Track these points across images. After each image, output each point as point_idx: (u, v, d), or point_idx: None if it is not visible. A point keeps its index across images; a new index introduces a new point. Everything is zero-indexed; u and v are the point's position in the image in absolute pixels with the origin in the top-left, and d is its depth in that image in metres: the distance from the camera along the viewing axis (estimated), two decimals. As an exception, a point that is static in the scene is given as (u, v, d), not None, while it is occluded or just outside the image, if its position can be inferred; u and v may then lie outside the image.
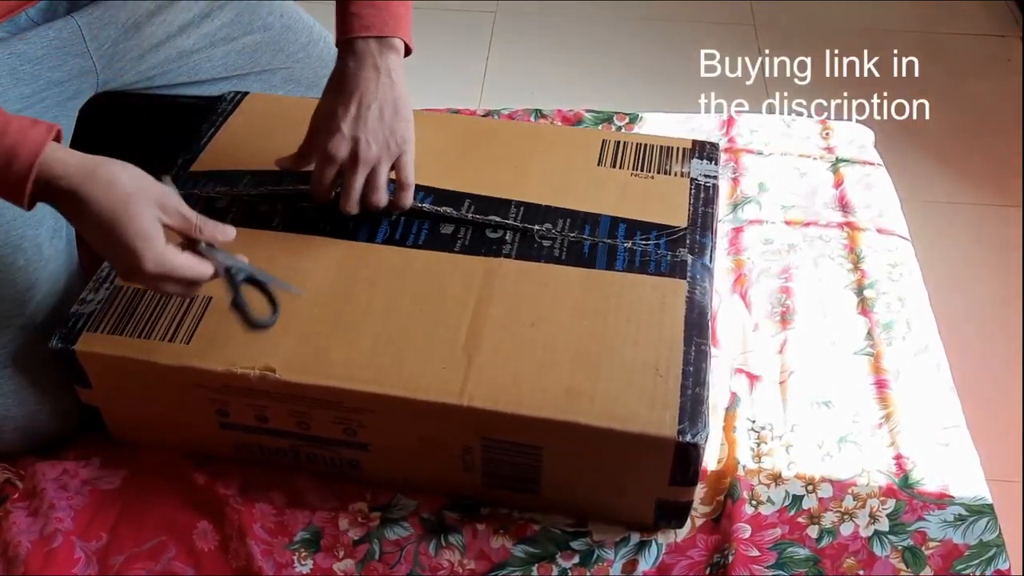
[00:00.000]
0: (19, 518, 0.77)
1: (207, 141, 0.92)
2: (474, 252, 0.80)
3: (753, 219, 1.00)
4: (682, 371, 0.71)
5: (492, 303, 0.76)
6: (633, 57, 1.70)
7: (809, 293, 0.92)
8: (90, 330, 0.74)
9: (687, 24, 1.76)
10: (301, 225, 0.82)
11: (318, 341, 0.73)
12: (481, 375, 0.71)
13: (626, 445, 0.69)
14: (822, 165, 1.06)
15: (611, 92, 1.61)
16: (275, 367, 0.71)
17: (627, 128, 1.12)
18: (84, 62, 0.86)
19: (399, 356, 0.72)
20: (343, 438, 0.75)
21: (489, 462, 0.74)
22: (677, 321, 0.75)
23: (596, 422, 0.68)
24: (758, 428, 0.83)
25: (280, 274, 0.74)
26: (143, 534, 0.76)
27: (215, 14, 0.95)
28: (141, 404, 0.79)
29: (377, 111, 0.76)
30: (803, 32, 1.74)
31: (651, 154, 0.90)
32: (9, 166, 0.64)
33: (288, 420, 0.75)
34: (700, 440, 0.68)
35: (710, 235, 0.82)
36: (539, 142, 0.92)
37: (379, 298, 0.76)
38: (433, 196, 0.83)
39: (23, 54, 0.82)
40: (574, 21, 1.78)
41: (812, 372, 0.86)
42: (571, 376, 0.71)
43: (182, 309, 0.75)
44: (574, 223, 0.82)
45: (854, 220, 0.99)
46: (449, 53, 1.71)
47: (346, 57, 0.77)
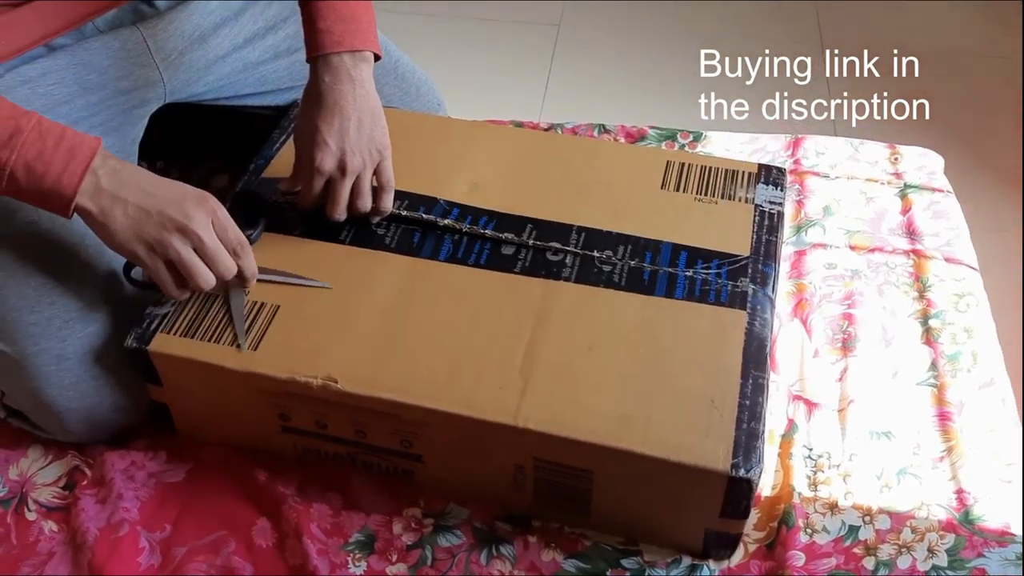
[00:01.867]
0: (88, 505, 0.80)
1: (279, 147, 0.94)
2: (534, 274, 0.80)
3: (816, 243, 0.99)
4: (738, 404, 0.71)
5: (550, 326, 0.76)
6: (696, 74, 1.70)
7: (872, 321, 0.91)
8: (163, 332, 0.77)
9: (760, 42, 1.75)
10: (368, 240, 0.84)
11: (379, 354, 0.75)
12: (536, 397, 0.71)
13: (678, 475, 0.69)
14: (890, 190, 1.05)
15: (674, 109, 1.61)
16: (337, 377, 0.73)
17: (690, 146, 1.12)
18: (150, 72, 0.89)
19: (457, 373, 0.73)
20: (399, 448, 0.76)
21: (540, 482, 0.74)
22: (735, 353, 0.74)
23: (649, 451, 0.68)
24: (815, 456, 0.82)
25: (345, 287, 0.77)
26: (204, 528, 0.79)
27: (279, 27, 0.97)
28: (208, 404, 0.81)
29: (357, 122, 0.79)
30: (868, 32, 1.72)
31: (716, 178, 0.89)
32: (72, 157, 0.70)
33: (346, 428, 0.76)
34: (753, 476, 0.67)
35: (773, 264, 0.81)
36: (602, 161, 0.92)
37: (439, 315, 0.78)
38: (495, 221, 0.84)
39: (89, 63, 0.85)
40: (638, 36, 1.78)
41: (873, 402, 0.85)
42: (625, 403, 0.71)
43: (251, 315, 0.78)
44: (635, 250, 0.82)
45: (921, 248, 0.98)
46: (511, 65, 1.72)
47: (321, 72, 0.79)
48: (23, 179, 0.69)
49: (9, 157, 0.68)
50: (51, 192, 0.70)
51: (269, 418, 0.78)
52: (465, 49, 1.75)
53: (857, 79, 1.64)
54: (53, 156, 0.69)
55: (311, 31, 0.80)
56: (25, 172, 0.69)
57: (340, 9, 0.79)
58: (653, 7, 1.84)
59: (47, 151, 0.69)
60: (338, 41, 0.78)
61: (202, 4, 0.92)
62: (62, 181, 0.70)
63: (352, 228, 0.85)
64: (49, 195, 0.70)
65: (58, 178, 0.70)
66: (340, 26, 0.78)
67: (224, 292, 0.78)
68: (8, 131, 0.68)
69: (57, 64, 0.84)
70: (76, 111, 0.84)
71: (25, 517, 0.80)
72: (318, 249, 0.83)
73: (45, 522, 0.80)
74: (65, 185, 0.70)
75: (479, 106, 1.34)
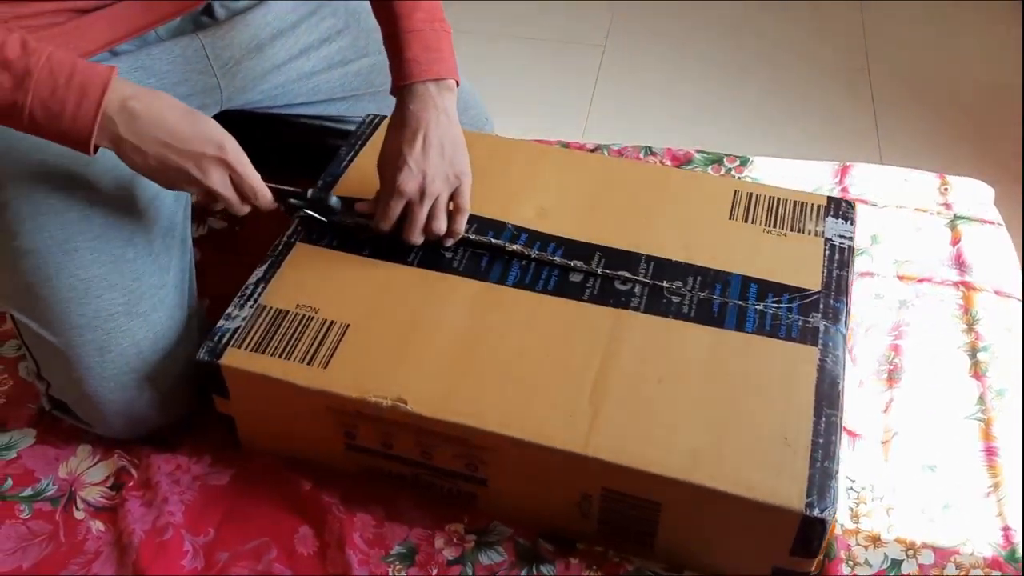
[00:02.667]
0: (134, 507, 0.81)
1: (347, 164, 0.95)
2: (602, 302, 0.80)
3: (864, 272, 0.98)
4: (811, 442, 0.70)
5: (619, 355, 0.76)
6: (744, 97, 1.69)
7: (920, 352, 0.90)
8: (235, 346, 0.78)
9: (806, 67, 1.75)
10: (436, 262, 0.84)
11: (449, 377, 0.75)
12: (606, 426, 0.71)
13: (749, 512, 0.68)
14: (939, 221, 1.04)
15: (720, 132, 1.61)
16: (407, 399, 0.73)
17: (737, 171, 1.12)
18: (208, 79, 0.91)
19: (526, 400, 0.73)
20: (464, 472, 0.77)
21: (606, 512, 0.74)
22: (807, 390, 0.73)
23: (721, 487, 0.68)
24: (857, 488, 0.81)
25: (415, 309, 0.79)
26: (247, 533, 0.80)
27: (334, 39, 0.99)
28: (274, 419, 0.82)
29: (439, 147, 0.81)
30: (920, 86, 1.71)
31: (784, 210, 0.88)
32: (84, 96, 0.70)
33: (413, 449, 0.77)
34: (828, 516, 0.66)
35: (844, 300, 0.80)
36: (670, 190, 0.91)
37: (509, 340, 0.78)
38: (564, 248, 0.85)
39: (149, 68, 0.87)
40: (684, 59, 1.78)
41: (918, 434, 0.84)
42: (696, 436, 0.70)
43: (321, 333, 0.78)
44: (705, 281, 0.82)
45: (971, 280, 0.97)
46: (556, 85, 1.73)
47: (407, 99, 0.81)
48: (42, 119, 0.70)
49: (24, 99, 0.69)
50: (69, 132, 0.71)
51: (335, 435, 0.79)
52: (511, 68, 1.76)
53: (906, 107, 1.64)
54: (66, 94, 0.70)
55: (398, 60, 0.82)
56: (43, 111, 0.70)
57: (425, 39, 0.81)
58: (699, 30, 1.84)
59: (59, 88, 0.70)
60: (424, 70, 0.80)
61: (260, 15, 0.94)
62: (77, 122, 0.70)
63: (420, 251, 0.85)
64: (68, 135, 0.71)
65: (73, 118, 0.70)
66: (425, 55, 0.81)
67: None
68: (20, 72, 0.69)
69: (119, 68, 0.85)
70: None
71: (73, 516, 0.81)
72: (387, 270, 0.84)
73: (93, 522, 0.81)
74: (80, 127, 0.71)
75: (523, 124, 1.36)
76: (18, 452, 0.86)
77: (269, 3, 0.95)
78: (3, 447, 0.87)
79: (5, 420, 0.89)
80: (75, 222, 0.81)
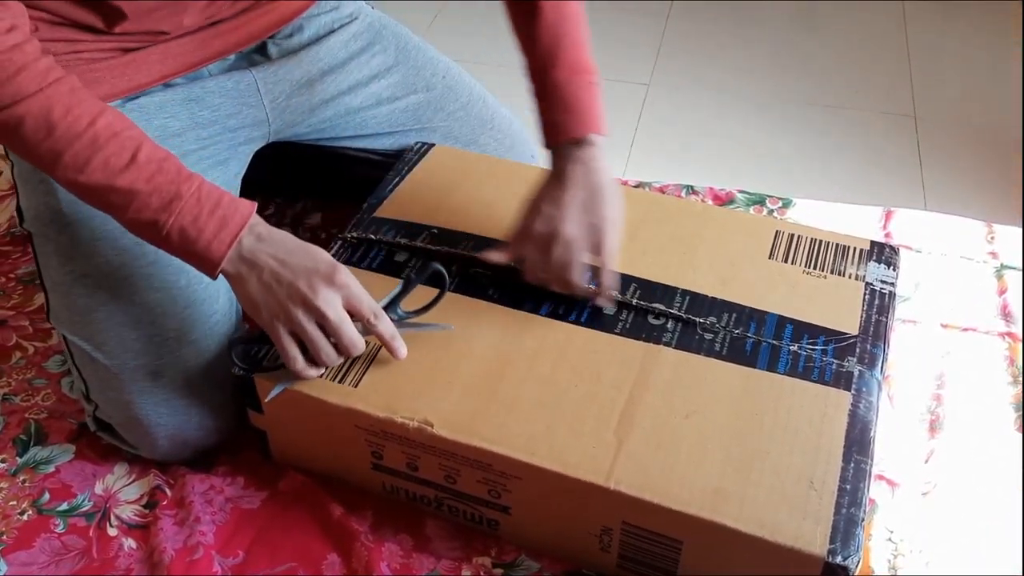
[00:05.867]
0: (166, 525, 0.82)
1: (392, 188, 0.96)
2: (634, 336, 0.80)
3: (907, 319, 0.97)
4: (838, 488, 0.69)
5: (648, 389, 0.76)
6: (788, 140, 1.69)
7: (963, 403, 0.89)
8: (270, 361, 0.79)
9: (850, 111, 1.74)
10: (472, 288, 0.85)
11: (477, 402, 0.75)
12: (630, 460, 0.71)
13: (771, 555, 0.67)
14: (986, 269, 1.02)
15: (763, 173, 1.60)
16: (433, 422, 0.73)
17: (779, 212, 1.12)
18: (258, 113, 0.94)
19: (552, 429, 0.73)
20: (487, 498, 0.76)
21: (626, 546, 0.73)
22: (837, 435, 0.72)
23: (744, 527, 0.66)
24: (896, 539, 0.79)
25: (448, 333, 0.80)
26: (277, 558, 0.80)
27: (383, 76, 1.01)
28: (304, 434, 0.83)
29: (577, 196, 0.79)
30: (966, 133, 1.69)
31: (825, 252, 0.87)
32: (223, 227, 0.73)
33: (437, 472, 0.77)
34: (851, 564, 0.65)
35: (882, 346, 0.79)
36: (710, 226, 0.91)
37: (538, 369, 0.78)
38: (599, 279, 0.84)
39: (202, 100, 0.90)
40: (727, 99, 1.78)
41: (959, 487, 0.82)
42: (721, 475, 0.69)
43: None
44: (739, 319, 0.81)
45: (1017, 331, 0.95)
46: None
47: (553, 157, 0.83)
48: (176, 241, 0.73)
49: (167, 220, 0.72)
50: (201, 255, 0.73)
51: (362, 454, 0.79)
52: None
53: (952, 153, 1.62)
54: (207, 223, 0.72)
55: (540, 123, 0.83)
56: (179, 235, 0.72)
57: (565, 98, 0.82)
58: (743, 71, 1.84)
59: (202, 217, 0.72)
60: (565, 131, 0.81)
61: (312, 53, 0.96)
62: (211, 248, 0.73)
63: (457, 277, 0.85)
64: (198, 257, 0.73)
65: (208, 245, 0.72)
66: (562, 116, 0.81)
67: None
68: (169, 195, 0.72)
69: (173, 99, 0.88)
70: (187, 143, 0.88)
71: (107, 532, 0.82)
72: (423, 293, 0.83)
73: (125, 539, 0.82)
74: (214, 252, 0.73)
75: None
76: (57, 467, 0.88)
77: (322, 42, 0.97)
78: (43, 461, 0.89)
79: (46, 435, 0.91)
80: (130, 248, 0.82)
